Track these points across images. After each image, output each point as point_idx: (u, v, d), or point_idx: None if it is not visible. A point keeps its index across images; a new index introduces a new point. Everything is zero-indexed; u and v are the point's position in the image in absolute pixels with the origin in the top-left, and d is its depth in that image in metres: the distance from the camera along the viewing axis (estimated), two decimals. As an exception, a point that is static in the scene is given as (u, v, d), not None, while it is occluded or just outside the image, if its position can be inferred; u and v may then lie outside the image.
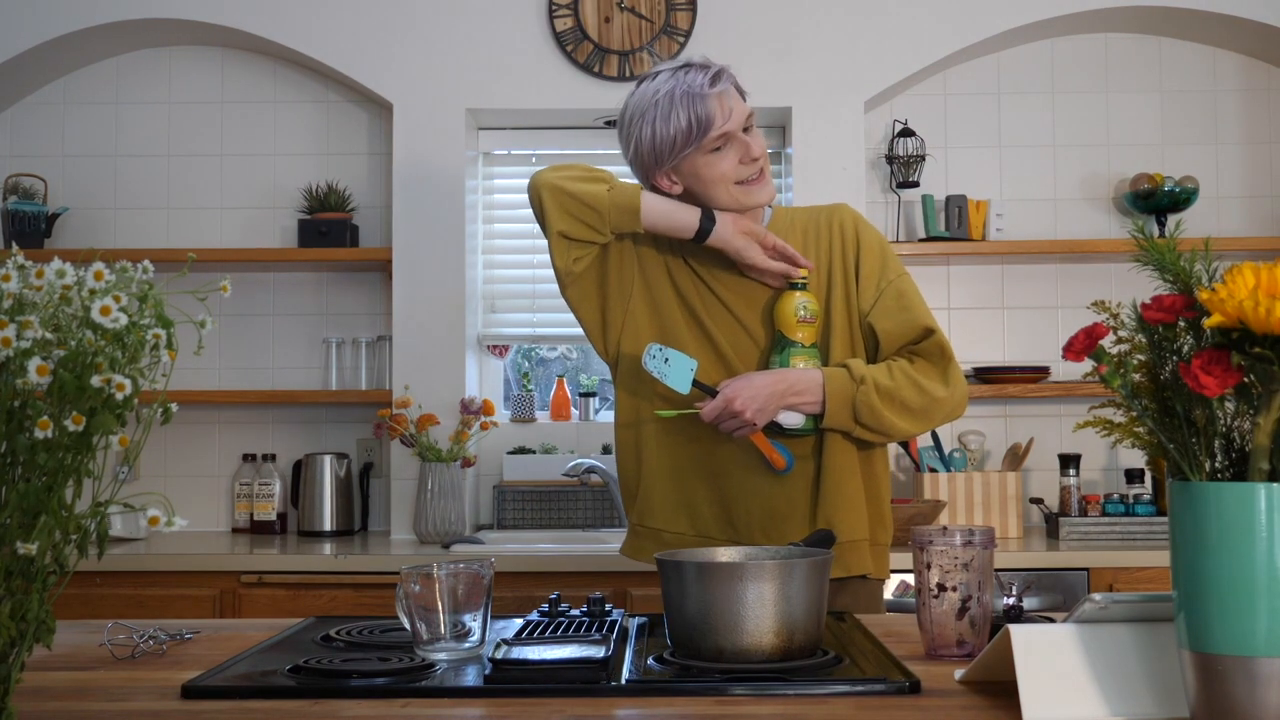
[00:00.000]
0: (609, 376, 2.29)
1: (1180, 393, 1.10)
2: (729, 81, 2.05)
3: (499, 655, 1.39)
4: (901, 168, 3.79)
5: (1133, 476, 3.50)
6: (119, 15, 3.72)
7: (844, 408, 2.00)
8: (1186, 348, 1.12)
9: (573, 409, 3.94)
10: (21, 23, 3.72)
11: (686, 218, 2.05)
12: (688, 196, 2.08)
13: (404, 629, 1.54)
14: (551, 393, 3.98)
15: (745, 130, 2.05)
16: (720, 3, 3.71)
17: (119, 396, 1.12)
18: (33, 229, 3.78)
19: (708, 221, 2.04)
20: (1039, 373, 3.70)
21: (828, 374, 2.02)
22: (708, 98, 2.00)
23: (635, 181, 2.13)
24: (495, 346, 3.94)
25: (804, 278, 2.06)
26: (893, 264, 2.14)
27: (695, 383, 1.98)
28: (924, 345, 2.09)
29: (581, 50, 3.70)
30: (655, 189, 2.09)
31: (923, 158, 3.80)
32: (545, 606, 1.71)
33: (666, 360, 1.96)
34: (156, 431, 3.69)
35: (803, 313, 2.05)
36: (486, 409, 3.56)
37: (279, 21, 3.73)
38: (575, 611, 1.69)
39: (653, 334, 2.11)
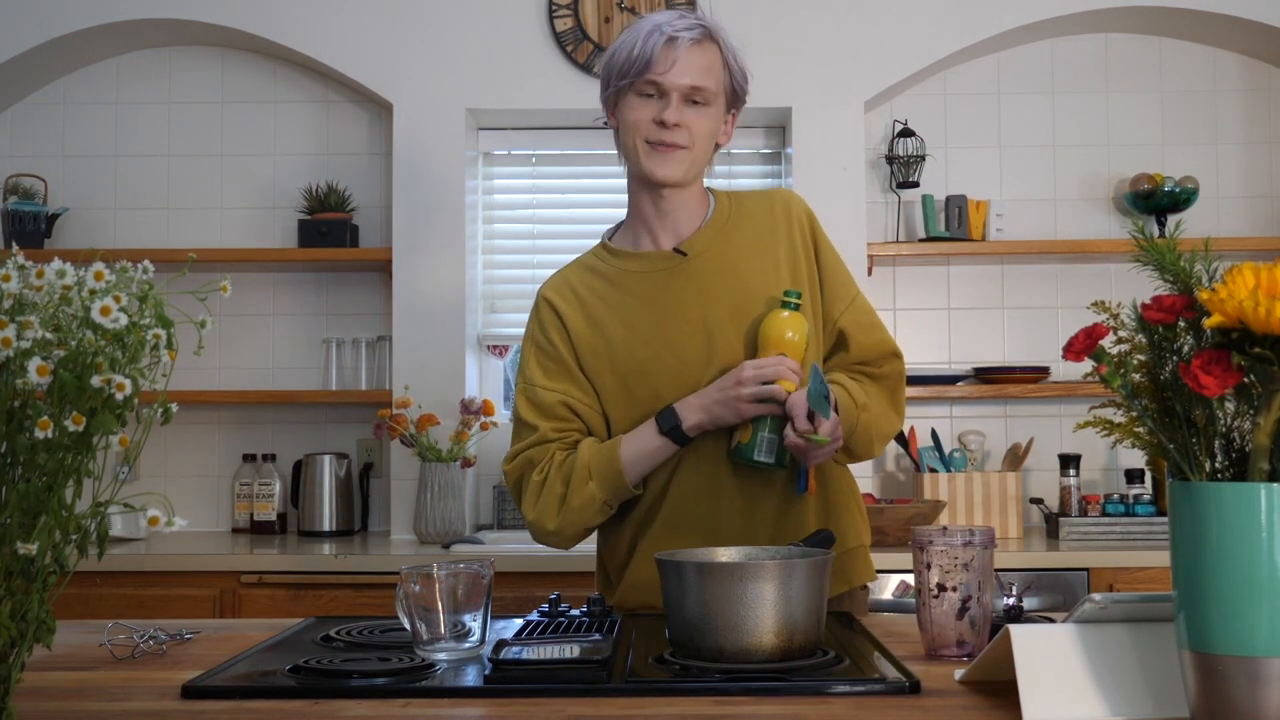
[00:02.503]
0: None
1: (1180, 393, 1.10)
2: (699, 37, 1.91)
3: (499, 655, 1.39)
4: (901, 168, 3.79)
5: (1133, 476, 3.50)
6: (119, 15, 3.72)
7: (847, 433, 1.88)
8: (1186, 348, 1.12)
9: (573, 409, 3.93)
10: (21, 23, 3.72)
11: (649, 438, 1.88)
12: (619, 137, 1.98)
13: (404, 629, 1.54)
14: (551, 393, 3.98)
15: (690, 100, 1.91)
16: (720, 3, 3.70)
17: (119, 396, 1.12)
18: (33, 229, 3.78)
19: (668, 420, 1.87)
20: (1039, 373, 3.70)
21: (838, 396, 1.88)
22: (662, 39, 1.88)
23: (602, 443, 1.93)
24: (495, 346, 3.94)
25: (796, 298, 1.89)
26: (848, 272, 2.05)
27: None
28: (887, 368, 1.99)
29: (581, 50, 3.70)
30: (607, 120, 2.01)
31: (923, 158, 3.80)
32: (545, 606, 1.70)
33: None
34: (156, 431, 3.69)
35: (792, 334, 1.86)
36: (486, 409, 3.56)
37: (279, 21, 3.73)
38: (575, 611, 1.69)
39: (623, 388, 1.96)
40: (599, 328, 1.97)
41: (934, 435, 3.71)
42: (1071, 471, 3.50)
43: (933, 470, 3.61)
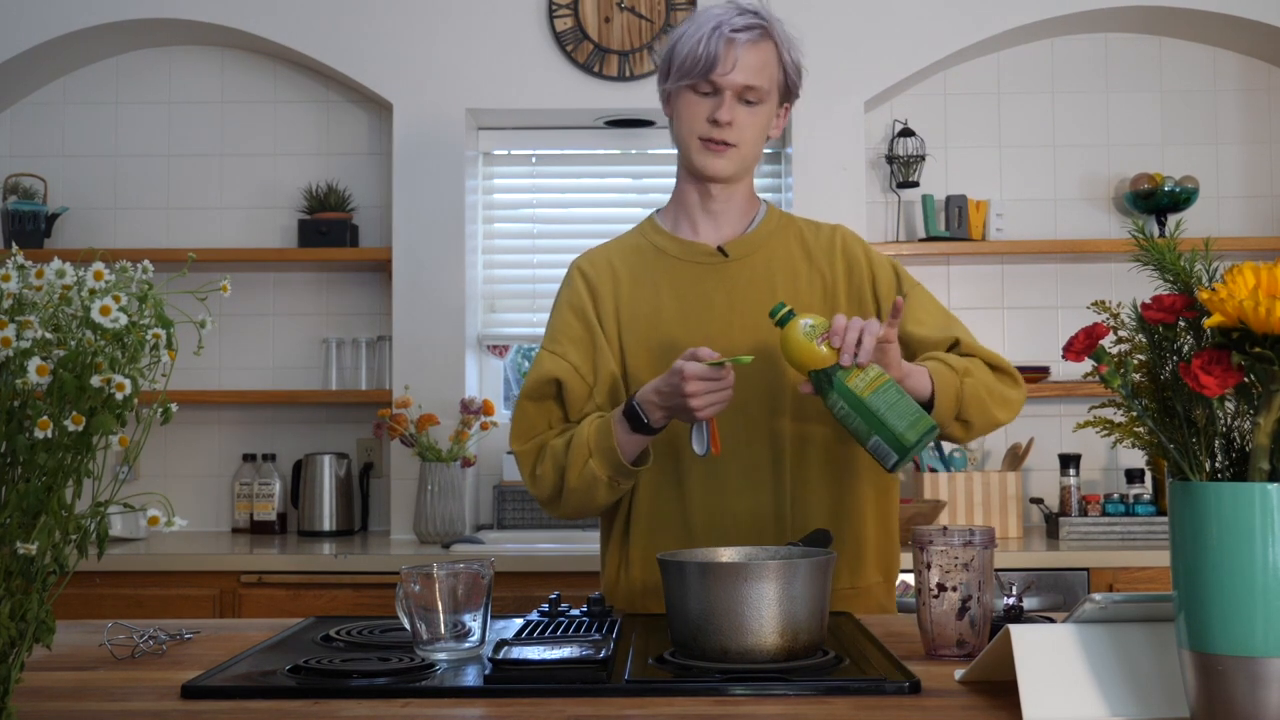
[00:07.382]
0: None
1: (1180, 393, 1.10)
2: (757, 38, 1.93)
3: (499, 655, 1.39)
4: (901, 168, 3.79)
5: (1133, 476, 3.50)
6: (119, 15, 3.72)
7: (950, 400, 1.80)
8: (1186, 348, 1.12)
9: (573, 409, 3.93)
10: (21, 23, 3.72)
11: (622, 430, 1.83)
12: (674, 129, 1.98)
13: (404, 629, 1.54)
14: (551, 393, 3.98)
15: (743, 98, 1.92)
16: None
17: (119, 396, 1.12)
18: (33, 229, 3.77)
19: (629, 406, 1.82)
20: (1039, 373, 3.69)
21: (931, 368, 1.82)
22: (722, 41, 1.90)
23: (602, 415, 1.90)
24: (495, 346, 3.94)
25: (788, 307, 1.71)
26: (906, 275, 2.01)
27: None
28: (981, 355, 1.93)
29: (581, 50, 3.70)
30: (664, 109, 2.01)
31: (923, 158, 3.80)
32: (545, 606, 1.70)
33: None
34: (156, 431, 3.69)
35: (808, 330, 1.67)
36: (486, 409, 3.56)
37: (279, 21, 3.73)
38: (575, 611, 1.69)
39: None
40: (628, 300, 1.97)
41: (934, 435, 3.70)
42: (1071, 471, 3.50)
43: (933, 470, 3.61)
